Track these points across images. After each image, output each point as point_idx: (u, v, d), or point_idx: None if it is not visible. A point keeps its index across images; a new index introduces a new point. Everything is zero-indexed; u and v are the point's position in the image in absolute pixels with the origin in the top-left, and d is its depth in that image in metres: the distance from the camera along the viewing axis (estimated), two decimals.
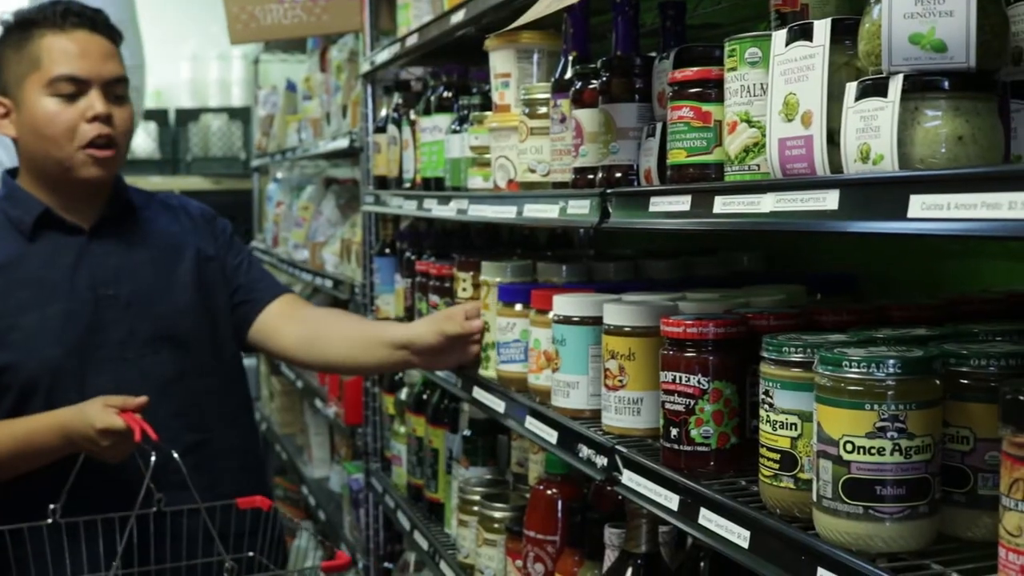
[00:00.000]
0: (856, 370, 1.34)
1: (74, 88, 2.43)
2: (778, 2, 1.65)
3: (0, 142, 5.67)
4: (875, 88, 1.26)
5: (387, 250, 3.80)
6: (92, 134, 2.43)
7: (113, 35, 2.56)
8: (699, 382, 1.72)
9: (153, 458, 2.17)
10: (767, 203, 1.42)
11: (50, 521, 2.27)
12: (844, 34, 1.38)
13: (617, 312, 2.00)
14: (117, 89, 2.50)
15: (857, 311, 1.86)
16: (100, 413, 2.23)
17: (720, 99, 1.65)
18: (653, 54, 2.10)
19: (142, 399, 2.27)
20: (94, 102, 2.43)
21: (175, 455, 2.18)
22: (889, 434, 1.32)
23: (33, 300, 2.44)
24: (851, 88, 1.30)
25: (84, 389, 2.39)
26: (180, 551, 2.40)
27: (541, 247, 3.52)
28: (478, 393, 2.61)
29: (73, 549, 2.32)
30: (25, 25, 2.48)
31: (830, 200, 1.29)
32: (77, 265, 2.49)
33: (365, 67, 3.93)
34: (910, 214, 1.15)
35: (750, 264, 2.75)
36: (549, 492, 2.45)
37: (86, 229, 2.53)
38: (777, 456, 1.51)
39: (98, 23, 2.51)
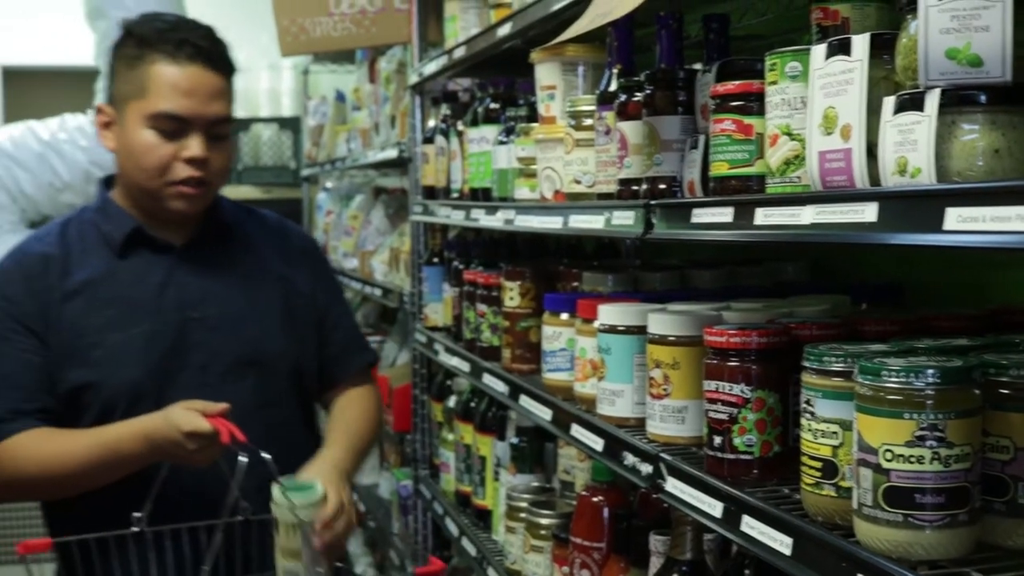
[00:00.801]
0: (895, 380, 1.36)
1: (175, 126, 2.37)
2: (819, 16, 1.68)
3: (56, 152, 5.78)
4: (912, 102, 1.28)
5: (435, 259, 3.84)
6: (184, 175, 2.39)
7: (227, 69, 2.48)
8: (742, 391, 1.74)
9: (243, 459, 2.14)
10: (807, 215, 1.44)
11: (136, 530, 2.26)
12: (882, 49, 1.40)
13: (662, 322, 2.02)
14: (219, 129, 2.44)
15: (900, 321, 1.87)
16: (185, 416, 2.20)
17: (762, 112, 1.68)
18: (697, 66, 2.12)
19: (223, 405, 2.22)
20: (192, 144, 2.38)
21: (265, 455, 2.15)
22: (928, 443, 1.34)
23: (118, 319, 2.40)
24: (889, 102, 1.32)
25: None
26: (266, 561, 2.34)
27: (588, 257, 3.54)
28: (525, 401, 2.64)
29: (159, 558, 2.31)
30: (140, 43, 2.41)
31: (869, 212, 1.31)
32: (165, 285, 2.46)
33: (413, 78, 3.97)
34: (946, 226, 1.17)
35: (795, 274, 2.76)
36: (595, 499, 2.47)
37: (177, 247, 2.50)
38: (819, 464, 1.53)
39: (214, 57, 2.43)
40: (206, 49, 2.41)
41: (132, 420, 2.30)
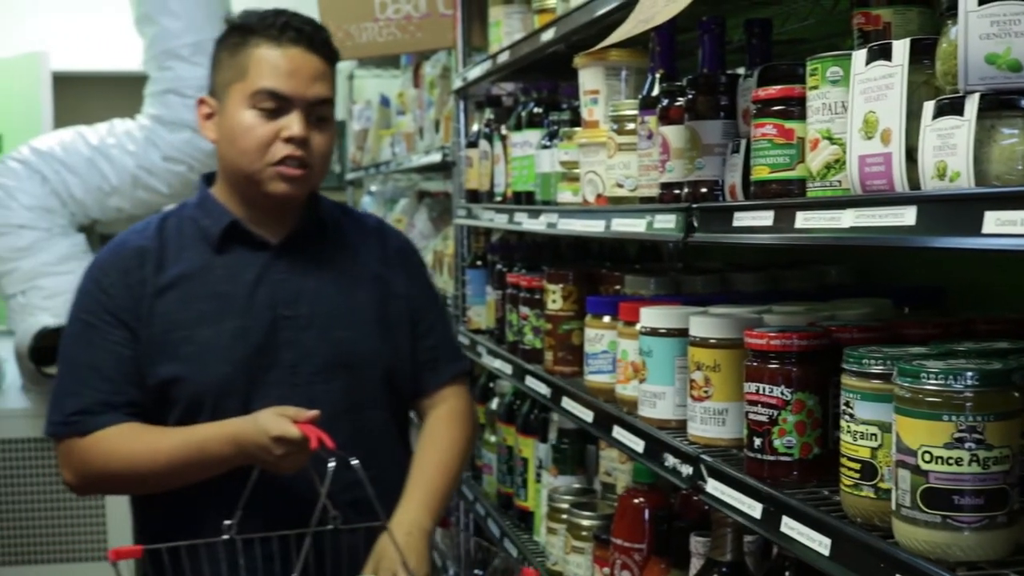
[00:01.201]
0: (934, 382, 1.37)
1: (275, 104, 2.36)
2: (860, 20, 1.69)
3: (104, 156, 5.86)
4: (952, 107, 1.29)
5: (478, 262, 3.87)
6: (283, 153, 2.36)
7: (330, 55, 2.47)
8: (782, 393, 1.75)
9: (332, 464, 2.11)
10: (847, 218, 1.46)
11: (226, 537, 2.23)
12: (923, 54, 1.41)
13: (703, 324, 2.04)
14: (320, 110, 2.42)
15: (942, 324, 1.88)
16: (274, 421, 2.18)
17: (803, 116, 1.69)
18: (740, 70, 2.14)
19: (314, 412, 2.19)
20: (292, 123, 2.36)
21: (354, 461, 2.11)
22: (967, 445, 1.35)
23: (210, 314, 2.39)
24: (929, 107, 1.33)
25: (249, 411, 2.30)
26: (356, 570, 2.33)
27: (630, 260, 3.56)
28: (567, 403, 2.66)
29: (248, 565, 2.28)
30: (243, 31, 2.42)
31: (908, 216, 1.33)
32: (259, 282, 2.43)
33: (457, 83, 4.00)
34: (985, 230, 1.19)
35: (838, 277, 2.76)
36: (636, 501, 2.49)
37: (273, 244, 2.47)
38: (858, 466, 1.55)
39: (316, 41, 2.43)
40: (308, 32, 2.42)
41: (222, 422, 2.29)
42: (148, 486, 2.40)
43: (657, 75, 2.26)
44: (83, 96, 8.85)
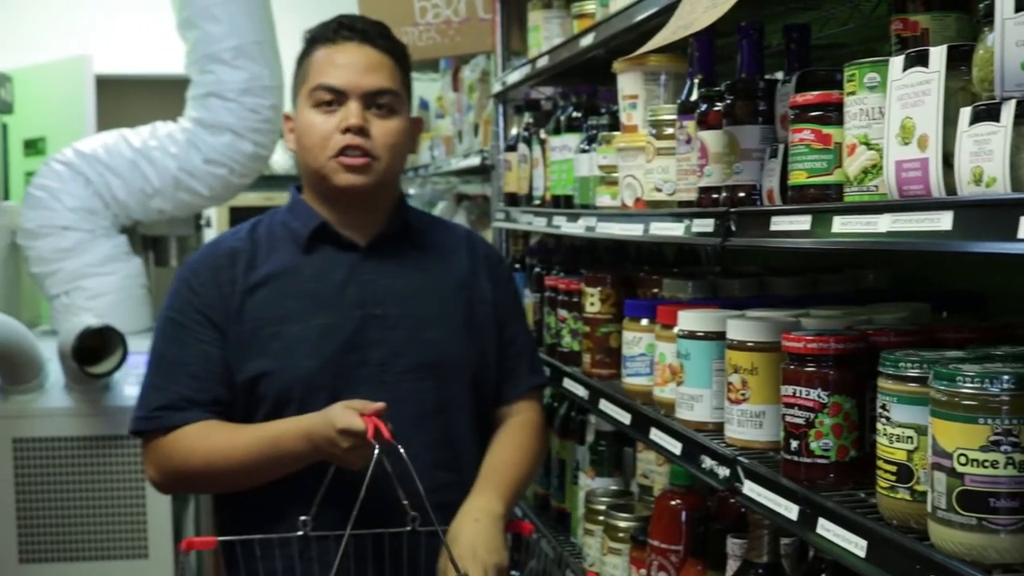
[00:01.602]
0: (970, 385, 1.38)
1: (331, 97, 2.43)
2: (898, 26, 1.70)
3: (147, 159, 5.92)
4: (988, 113, 1.31)
5: (517, 265, 3.89)
6: (342, 144, 2.41)
7: (390, 47, 2.52)
8: (819, 396, 1.77)
9: (401, 449, 2.12)
10: (884, 223, 1.47)
11: (301, 533, 2.24)
12: (960, 60, 1.42)
13: (740, 327, 2.05)
14: (381, 100, 2.45)
15: (980, 329, 1.89)
16: (341, 413, 2.19)
17: (840, 122, 1.70)
18: (779, 74, 2.15)
19: (380, 404, 2.19)
20: (349, 113, 2.41)
21: (401, 450, 2.12)
22: (1003, 448, 1.36)
23: (298, 311, 2.43)
24: (965, 113, 1.35)
25: None
26: (433, 573, 2.33)
27: (668, 264, 3.57)
28: (604, 405, 2.68)
29: (322, 563, 2.29)
30: (308, 42, 2.52)
31: (944, 221, 1.34)
32: (347, 281, 2.47)
33: (496, 87, 4.03)
34: (1020, 235, 1.20)
35: (876, 282, 2.77)
36: (673, 503, 2.51)
37: (362, 246, 2.51)
38: (894, 468, 1.56)
39: (370, 35, 2.49)
40: (361, 28, 2.48)
41: (297, 417, 2.32)
42: (227, 483, 2.43)
43: (696, 80, 2.28)
44: (126, 99, 8.94)
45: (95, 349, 4.75)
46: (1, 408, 5.07)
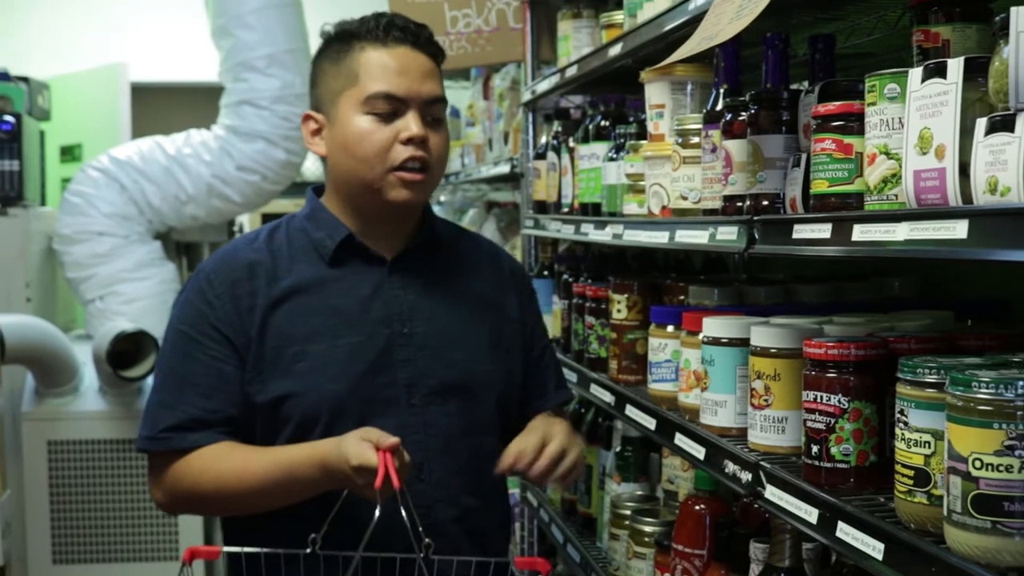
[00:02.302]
0: (986, 391, 1.41)
1: (390, 107, 2.26)
2: (920, 38, 1.73)
3: (181, 166, 5.99)
4: (1003, 124, 1.34)
5: (545, 272, 3.93)
6: (404, 156, 2.25)
7: (436, 52, 2.38)
8: (839, 401, 1.79)
9: (410, 503, 2.01)
10: (902, 231, 1.50)
11: (308, 551, 2.13)
12: (977, 72, 1.45)
13: (764, 334, 2.08)
14: (434, 110, 2.31)
15: (1000, 336, 1.91)
16: (355, 448, 2.05)
17: (861, 132, 1.73)
18: (804, 84, 2.18)
19: (394, 440, 2.05)
20: (410, 123, 2.25)
21: (403, 502, 2.01)
22: (1017, 452, 1.39)
23: (324, 329, 2.27)
24: (981, 123, 1.38)
25: None
26: None
27: (695, 271, 3.60)
28: (630, 411, 2.71)
29: None
30: (345, 38, 2.33)
31: (960, 229, 1.37)
32: (373, 297, 2.32)
33: (526, 96, 4.07)
34: None
35: (900, 290, 2.79)
36: (698, 508, 2.53)
37: (387, 259, 2.36)
38: (911, 472, 1.58)
39: (421, 39, 2.34)
40: (412, 30, 2.33)
41: (313, 443, 2.18)
42: (237, 508, 2.29)
43: (721, 90, 2.31)
44: (161, 106, 9.04)
45: (129, 353, 4.81)
46: (36, 411, 5.15)
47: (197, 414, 2.24)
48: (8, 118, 5.42)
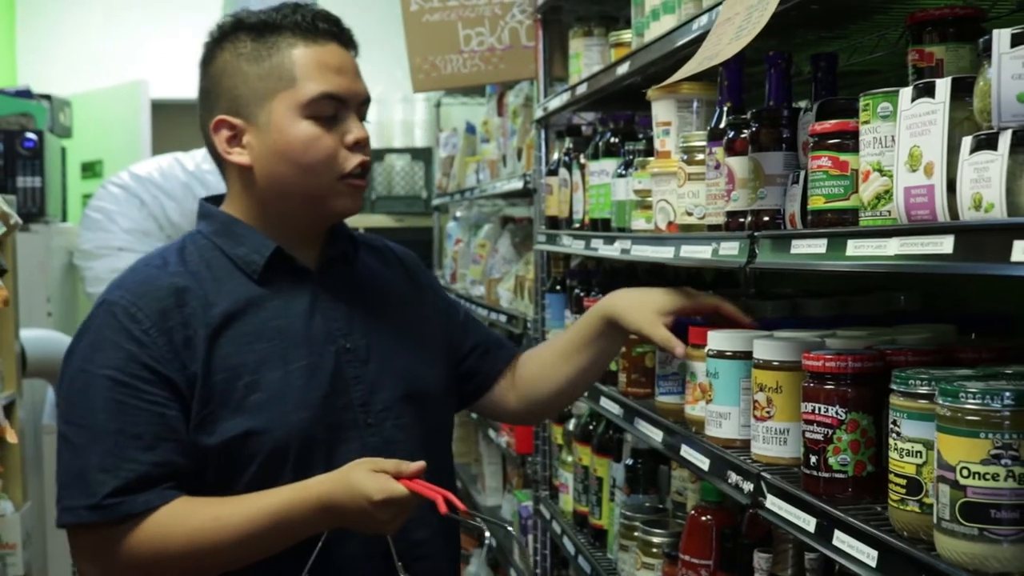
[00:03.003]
0: (973, 401, 1.45)
1: (334, 109, 2.09)
2: (915, 57, 1.78)
3: (200, 181, 6.05)
4: (987, 142, 1.38)
5: (558, 287, 3.98)
6: (355, 162, 2.10)
7: (356, 48, 2.21)
8: (836, 413, 1.83)
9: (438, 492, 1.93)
10: (892, 247, 1.54)
11: None
12: (964, 91, 1.49)
13: (766, 347, 2.12)
14: (364, 111, 2.18)
15: (997, 349, 1.95)
16: (373, 481, 1.90)
17: (856, 149, 1.78)
18: (804, 102, 2.22)
19: (419, 465, 1.94)
20: (352, 126, 2.11)
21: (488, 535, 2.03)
22: (1003, 461, 1.43)
23: (272, 354, 2.06)
24: (966, 142, 1.42)
25: (332, 461, 2.03)
26: None
27: (705, 286, 3.63)
28: (639, 423, 2.75)
29: None
30: (263, 31, 2.11)
31: (946, 244, 1.41)
32: (311, 313, 2.13)
33: (538, 113, 4.12)
34: (1013, 258, 1.27)
35: (907, 304, 2.82)
36: (704, 518, 2.57)
37: (312, 270, 2.19)
38: (904, 481, 1.62)
39: (346, 34, 2.18)
40: (338, 24, 2.17)
41: (301, 483, 1.98)
42: (214, 568, 2.02)
43: (725, 108, 2.35)
44: (180, 123, 9.11)
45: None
46: (53, 426, 5.21)
47: (144, 471, 1.96)
48: (30, 135, 5.50)
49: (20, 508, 4.26)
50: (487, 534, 1.93)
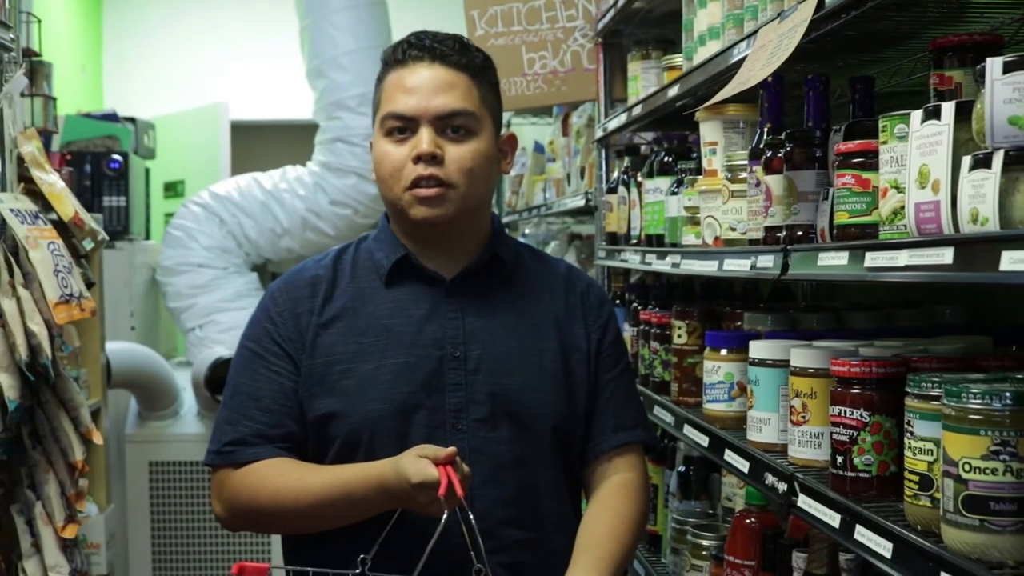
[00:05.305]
0: (975, 401, 1.56)
1: (401, 125, 2.24)
2: (935, 81, 1.88)
3: (277, 201, 6.25)
4: (984, 161, 1.49)
5: (618, 301, 4.10)
6: (414, 175, 2.22)
7: (465, 62, 2.29)
8: (861, 415, 1.95)
9: (472, 518, 1.99)
10: (903, 258, 1.66)
11: (358, 571, 2.09)
12: (968, 114, 1.61)
13: (801, 355, 2.23)
14: (455, 122, 2.24)
15: (1018, 358, 2.04)
16: (414, 466, 2.01)
17: (877, 168, 1.89)
18: (837, 125, 2.34)
19: (451, 451, 2.02)
20: (420, 140, 2.22)
21: (469, 515, 1.99)
22: (1002, 457, 1.54)
23: (374, 349, 2.25)
24: (966, 160, 1.53)
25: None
26: None
27: (761, 299, 3.73)
28: (687, 430, 2.87)
29: None
30: (382, 65, 2.34)
31: (947, 256, 1.53)
32: (428, 319, 2.27)
33: (599, 133, 4.25)
34: (1002, 267, 1.38)
35: (952, 317, 2.91)
36: (748, 521, 2.68)
37: (447, 280, 2.31)
38: (917, 478, 1.74)
39: (440, 52, 2.27)
40: (431, 46, 2.28)
41: (369, 463, 2.14)
42: (294, 526, 2.26)
43: (765, 128, 2.47)
44: (258, 144, 9.38)
45: (225, 379, 5.07)
46: (139, 433, 5.44)
47: (259, 428, 2.23)
48: (116, 157, 5.74)
49: (104, 511, 4.46)
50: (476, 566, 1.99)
